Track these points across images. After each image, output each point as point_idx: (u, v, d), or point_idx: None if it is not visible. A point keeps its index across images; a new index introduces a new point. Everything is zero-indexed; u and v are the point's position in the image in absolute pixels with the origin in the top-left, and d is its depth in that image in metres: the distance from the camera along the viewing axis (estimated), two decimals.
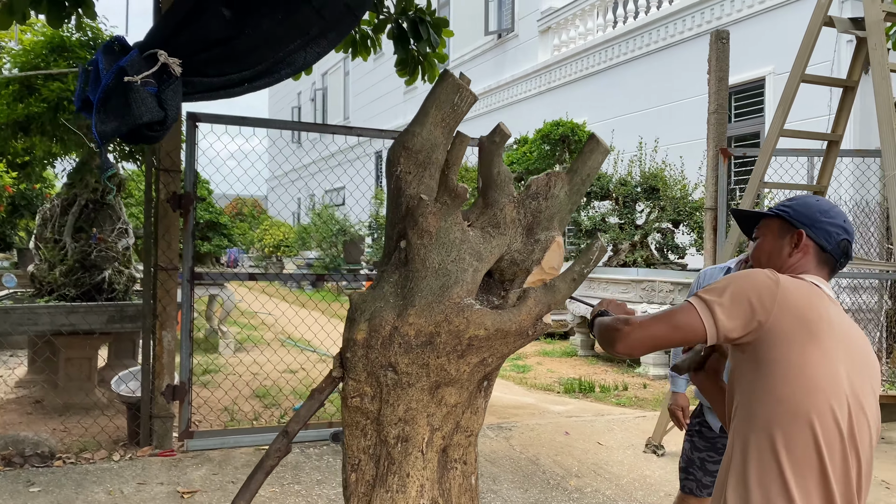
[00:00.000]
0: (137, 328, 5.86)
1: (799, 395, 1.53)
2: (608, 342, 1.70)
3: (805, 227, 1.76)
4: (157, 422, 4.74)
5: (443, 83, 2.09)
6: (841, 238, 1.76)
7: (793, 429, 1.52)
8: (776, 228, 1.83)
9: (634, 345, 1.62)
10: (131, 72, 2.00)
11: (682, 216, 8.93)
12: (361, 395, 1.96)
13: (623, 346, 1.63)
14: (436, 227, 1.93)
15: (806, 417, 1.52)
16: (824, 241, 1.75)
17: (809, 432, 1.52)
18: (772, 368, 1.55)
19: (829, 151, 4.85)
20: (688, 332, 1.59)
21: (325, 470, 4.54)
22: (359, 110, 25.36)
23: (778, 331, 1.55)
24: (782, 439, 1.52)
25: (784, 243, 1.79)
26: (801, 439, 1.52)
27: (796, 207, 1.81)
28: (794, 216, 1.79)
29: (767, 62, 9.72)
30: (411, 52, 4.67)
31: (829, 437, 1.53)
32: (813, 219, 1.77)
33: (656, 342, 1.61)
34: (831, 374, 1.56)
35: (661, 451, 5.17)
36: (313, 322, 7.88)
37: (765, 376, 1.56)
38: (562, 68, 14.21)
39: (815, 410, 1.52)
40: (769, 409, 1.55)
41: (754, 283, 1.60)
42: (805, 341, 1.55)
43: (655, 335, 1.61)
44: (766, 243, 1.84)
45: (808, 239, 1.76)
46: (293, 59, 2.46)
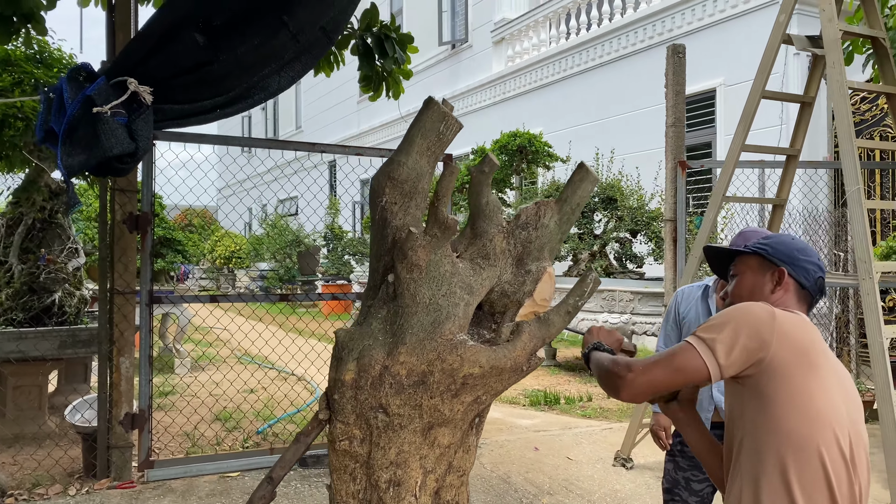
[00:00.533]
0: (91, 353, 5.63)
1: (806, 426, 1.54)
2: (611, 389, 1.67)
3: (785, 266, 1.81)
4: (115, 452, 4.54)
5: (428, 111, 2.03)
6: (818, 276, 1.83)
7: (803, 461, 1.54)
8: (755, 266, 1.86)
9: (637, 392, 1.61)
10: (99, 101, 1.88)
11: (639, 226, 9.04)
12: (350, 438, 1.88)
13: (627, 394, 1.61)
14: (426, 260, 1.87)
15: (815, 449, 1.54)
16: (803, 278, 1.81)
17: (819, 463, 1.54)
18: (777, 401, 1.56)
19: (788, 165, 4.94)
20: (690, 373, 1.58)
21: (294, 497, 4.42)
22: (311, 119, 25.09)
23: (779, 363, 1.56)
24: (794, 471, 1.53)
25: (765, 280, 1.83)
26: (811, 470, 1.54)
27: (774, 245, 1.86)
28: (773, 254, 1.84)
29: (718, 74, 9.93)
30: (376, 68, 4.60)
31: (836, 466, 1.55)
32: (792, 257, 1.82)
33: (659, 387, 1.61)
34: (832, 404, 1.58)
35: (629, 465, 5.18)
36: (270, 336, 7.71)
37: (770, 409, 1.56)
38: (516, 79, 14.30)
39: (823, 441, 1.55)
40: (778, 442, 1.55)
41: (752, 317, 1.60)
42: (805, 372, 1.57)
43: (658, 380, 1.59)
44: (746, 280, 1.87)
45: (789, 277, 1.80)
46: (267, 84, 2.37)
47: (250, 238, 22.94)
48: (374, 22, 4.48)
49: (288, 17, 2.12)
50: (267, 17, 2.10)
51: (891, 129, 8.40)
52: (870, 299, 3.73)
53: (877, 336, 3.65)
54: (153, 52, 2.01)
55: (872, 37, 4.28)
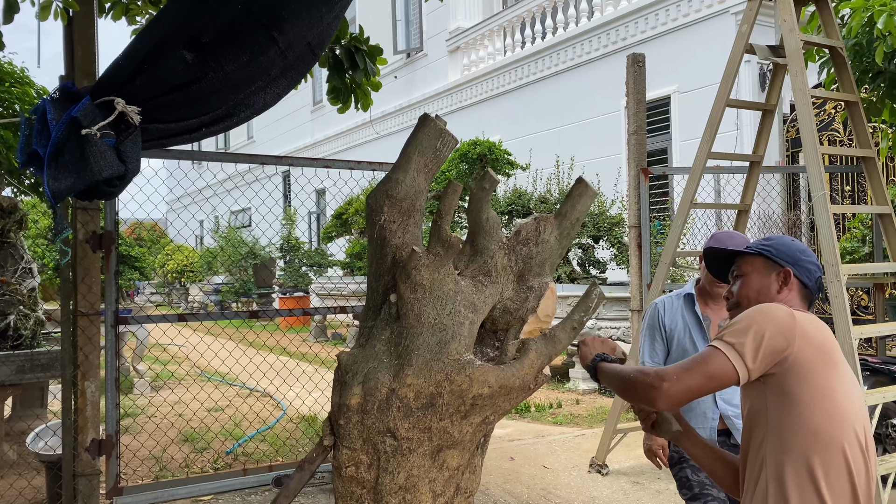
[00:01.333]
0: (50, 377, 5.42)
1: (831, 424, 1.59)
2: (644, 399, 1.66)
3: (790, 266, 1.86)
4: (81, 480, 4.36)
5: (424, 128, 2.01)
6: (817, 276, 1.89)
7: (829, 457, 1.58)
8: (761, 267, 1.90)
9: (674, 401, 1.62)
10: (86, 122, 1.81)
11: (601, 232, 9.15)
12: (357, 463, 1.83)
13: (665, 403, 1.61)
14: (429, 279, 1.84)
15: (839, 445, 1.59)
16: (806, 278, 1.86)
17: (843, 459, 1.59)
18: (802, 400, 1.60)
19: (752, 171, 5.06)
20: (722, 379, 1.61)
21: None
22: (264, 129, 24.75)
23: (802, 362, 1.61)
24: (820, 468, 1.58)
25: (771, 281, 1.87)
26: (835, 466, 1.59)
27: (778, 247, 1.91)
28: (778, 255, 1.88)
29: (672, 81, 10.13)
30: (346, 80, 4.54)
31: (856, 460, 1.61)
32: (795, 258, 1.88)
33: (693, 394, 1.62)
34: (851, 401, 1.64)
35: (605, 471, 5.21)
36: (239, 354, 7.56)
37: (796, 408, 1.60)
38: (474, 87, 14.35)
39: (846, 438, 1.60)
40: (805, 440, 1.59)
41: (774, 318, 1.64)
42: (826, 370, 1.62)
43: (692, 387, 1.61)
44: (753, 281, 1.90)
45: (794, 277, 1.85)
46: (252, 102, 2.32)
47: (203, 251, 22.48)
48: (344, 34, 4.43)
49: (278, 34, 2.07)
50: (256, 33, 2.05)
51: (837, 133, 8.69)
52: (838, 301, 3.83)
53: (846, 337, 3.75)
54: (139, 71, 1.94)
55: (831, 46, 4.41)
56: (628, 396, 1.72)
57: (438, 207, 1.87)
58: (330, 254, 17.48)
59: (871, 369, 4.90)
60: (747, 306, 1.83)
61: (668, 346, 2.93)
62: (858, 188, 8.36)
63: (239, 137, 27.08)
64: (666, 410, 1.66)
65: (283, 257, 18.44)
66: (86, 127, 1.78)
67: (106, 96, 1.88)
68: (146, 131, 2.03)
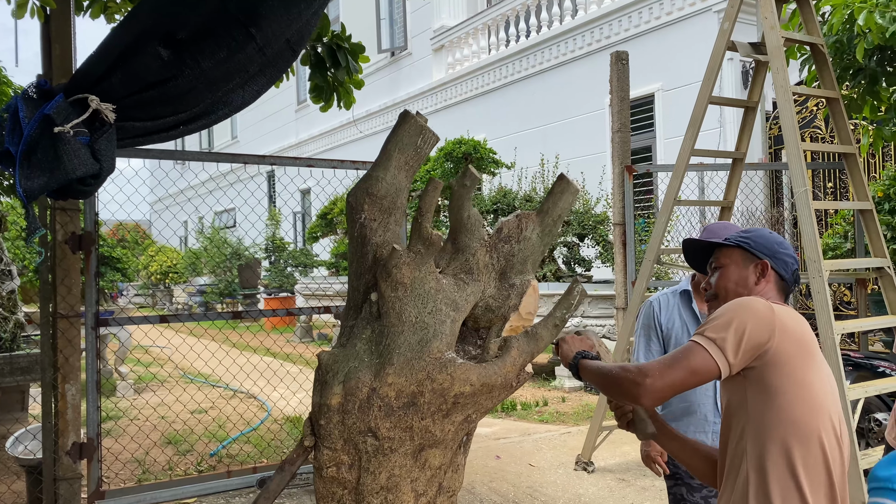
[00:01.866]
0: (30, 380, 5.36)
1: (810, 415, 1.61)
2: (626, 395, 1.65)
3: (767, 258, 1.87)
4: (62, 485, 4.30)
5: (404, 125, 1.99)
6: (794, 268, 1.90)
7: (807, 447, 1.61)
8: (738, 259, 1.91)
9: (658, 396, 1.61)
10: (59, 120, 1.77)
11: (586, 230, 9.17)
12: (338, 464, 1.81)
13: (648, 399, 1.61)
14: (410, 278, 1.83)
15: (817, 435, 1.61)
16: (783, 270, 1.88)
17: (819, 448, 1.61)
18: (780, 392, 1.62)
19: (735, 168, 5.08)
20: (704, 374, 1.61)
21: None
22: (248, 129, 24.60)
23: (781, 355, 1.62)
24: (800, 458, 1.60)
25: (749, 273, 1.88)
26: (813, 456, 1.61)
27: (756, 239, 1.92)
28: (755, 247, 1.90)
29: (656, 79, 10.16)
30: (328, 78, 4.51)
31: (832, 449, 1.63)
32: (773, 250, 1.89)
33: (676, 389, 1.62)
34: (827, 392, 1.66)
35: (591, 468, 5.22)
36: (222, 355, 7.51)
37: (776, 400, 1.62)
38: (458, 86, 14.34)
39: (823, 428, 1.62)
40: (784, 431, 1.61)
41: (754, 312, 1.65)
42: (805, 363, 1.64)
43: (675, 383, 1.61)
44: (730, 273, 1.91)
45: (771, 269, 1.87)
46: (231, 99, 2.29)
47: (187, 252, 22.31)
48: (326, 31, 4.40)
49: (255, 30, 2.05)
50: (233, 30, 2.02)
51: (819, 130, 8.75)
52: (820, 297, 3.85)
53: (828, 332, 3.77)
54: (114, 68, 1.91)
55: (811, 43, 4.43)
56: (611, 393, 1.71)
57: (419, 205, 1.85)
58: (315, 254, 17.41)
59: (853, 364, 4.94)
60: (725, 298, 1.84)
61: (664, 345, 2.86)
62: (841, 185, 8.43)
63: (223, 137, 26.92)
64: (649, 406, 1.66)
65: (268, 258, 18.34)
66: (59, 125, 1.74)
67: (80, 94, 1.85)
68: (122, 129, 2.00)
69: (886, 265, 4.13)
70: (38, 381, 4.87)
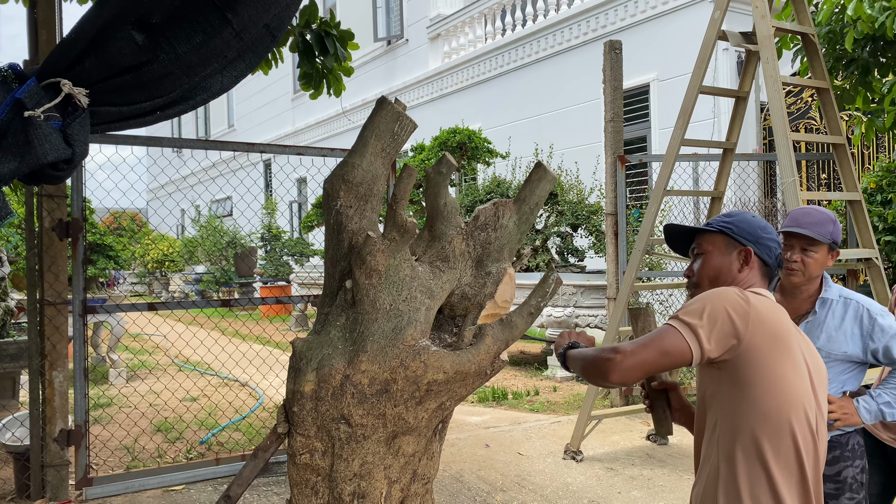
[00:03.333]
0: (20, 367, 5.36)
1: (782, 407, 1.60)
2: (598, 373, 1.66)
3: (751, 245, 1.85)
4: (50, 471, 4.32)
5: (381, 111, 1.98)
6: (778, 252, 1.88)
7: (777, 437, 1.60)
8: (721, 245, 1.88)
9: (628, 373, 1.61)
10: (30, 104, 1.76)
11: (580, 220, 9.15)
12: (311, 451, 1.81)
13: (617, 375, 1.60)
14: (385, 265, 1.82)
15: (789, 427, 1.60)
16: (766, 255, 1.86)
17: (791, 440, 1.61)
18: (753, 384, 1.61)
19: (725, 158, 5.07)
20: (676, 356, 1.60)
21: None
22: (244, 117, 24.52)
23: (754, 347, 1.61)
24: (770, 450, 1.60)
25: (732, 259, 1.86)
26: (785, 448, 1.60)
27: (738, 224, 1.88)
28: (738, 233, 1.86)
29: (652, 69, 10.12)
30: (316, 65, 4.49)
31: (805, 441, 1.63)
32: (756, 235, 1.86)
33: (648, 368, 1.61)
34: (802, 384, 1.65)
35: (579, 457, 5.23)
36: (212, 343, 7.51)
37: (746, 392, 1.61)
38: (454, 75, 14.28)
39: (795, 418, 1.61)
40: (754, 423, 1.61)
41: (729, 303, 1.64)
42: (779, 356, 1.63)
43: (647, 361, 1.60)
44: (713, 259, 1.88)
45: (755, 255, 1.85)
46: (209, 85, 2.26)
47: (183, 240, 22.28)
48: (314, 18, 4.37)
49: (231, 15, 2.02)
50: (209, 14, 2.00)
51: (814, 121, 8.74)
52: None
53: None
54: (87, 52, 1.89)
55: (803, 33, 4.41)
56: (588, 374, 1.72)
57: (394, 192, 1.84)
58: (311, 243, 17.39)
59: None
60: (707, 286, 1.82)
61: None
62: (834, 176, 8.42)
63: (220, 125, 26.84)
64: (619, 384, 1.64)
65: (264, 246, 18.31)
66: (30, 109, 1.73)
67: (52, 77, 1.83)
68: (97, 114, 1.98)
69: (874, 256, 4.13)
70: (27, 369, 4.86)
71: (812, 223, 2.51)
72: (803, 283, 2.54)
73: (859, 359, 2.51)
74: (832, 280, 2.64)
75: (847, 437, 2.53)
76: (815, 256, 2.50)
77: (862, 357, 2.50)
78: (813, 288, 2.58)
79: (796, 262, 2.51)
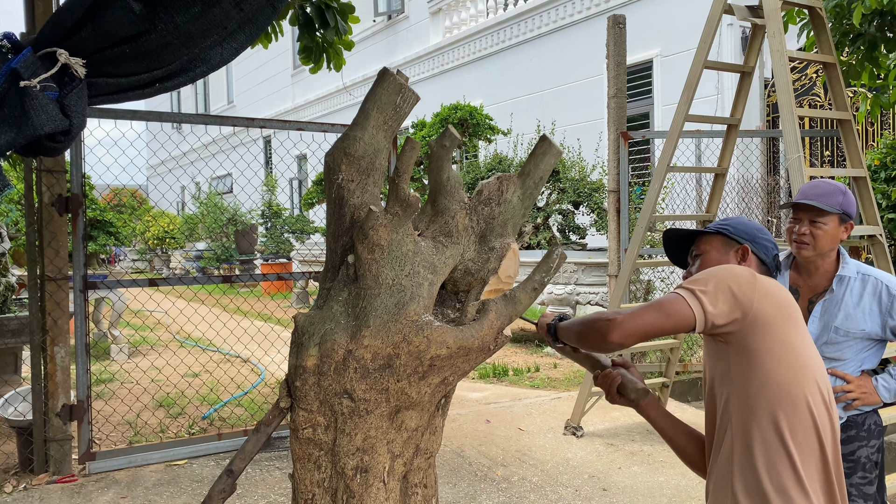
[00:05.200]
0: (21, 343, 5.37)
1: (795, 377, 1.58)
2: (598, 334, 1.65)
3: (748, 243, 1.92)
4: (52, 446, 4.34)
5: (383, 83, 1.94)
6: (774, 252, 1.94)
7: (793, 410, 1.57)
8: (719, 245, 1.95)
9: (628, 332, 1.60)
10: (26, 74, 1.73)
11: (581, 197, 9.12)
12: (314, 425, 1.81)
13: (618, 334, 1.59)
14: (387, 239, 1.80)
15: (804, 399, 1.57)
16: (763, 254, 1.92)
17: (808, 413, 1.57)
18: (765, 354, 1.59)
19: (729, 134, 5.02)
20: (678, 320, 1.59)
21: (245, 482, 4.32)
22: (244, 93, 24.38)
23: (762, 317, 1.60)
24: (786, 423, 1.56)
25: (730, 257, 1.92)
26: (801, 421, 1.57)
27: (735, 225, 1.96)
28: (735, 233, 1.94)
29: (655, 45, 10.03)
30: (316, 39, 4.44)
31: (820, 412, 1.59)
32: (752, 235, 1.93)
33: (649, 330, 1.60)
34: (812, 356, 1.64)
35: (580, 433, 5.26)
36: (213, 319, 7.51)
37: (759, 363, 1.59)
38: (455, 50, 14.16)
39: (809, 391, 1.59)
40: (769, 395, 1.57)
41: (734, 273, 1.65)
42: (787, 325, 1.62)
43: (648, 323, 1.60)
44: (711, 258, 1.94)
45: (752, 254, 1.91)
46: (209, 56, 2.23)
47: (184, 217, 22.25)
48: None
49: None
50: None
51: (818, 98, 8.67)
52: None
53: None
54: (84, 21, 1.85)
55: (810, 7, 4.35)
56: (586, 337, 1.71)
57: (396, 165, 1.82)
58: (311, 220, 17.37)
59: None
60: None
61: None
62: (838, 154, 8.37)
63: (219, 101, 26.70)
64: (618, 344, 1.62)
65: (265, 224, 18.29)
66: (26, 79, 1.70)
67: (49, 47, 1.80)
68: (94, 86, 1.95)
69: (878, 232, 4.11)
70: (28, 344, 4.87)
71: (819, 194, 2.47)
72: (814, 256, 2.50)
73: (878, 336, 2.48)
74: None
75: (864, 417, 2.51)
76: (825, 228, 2.46)
77: (881, 334, 2.47)
78: (829, 264, 2.53)
79: (805, 235, 2.47)
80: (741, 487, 1.58)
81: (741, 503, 1.57)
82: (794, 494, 1.53)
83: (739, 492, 1.57)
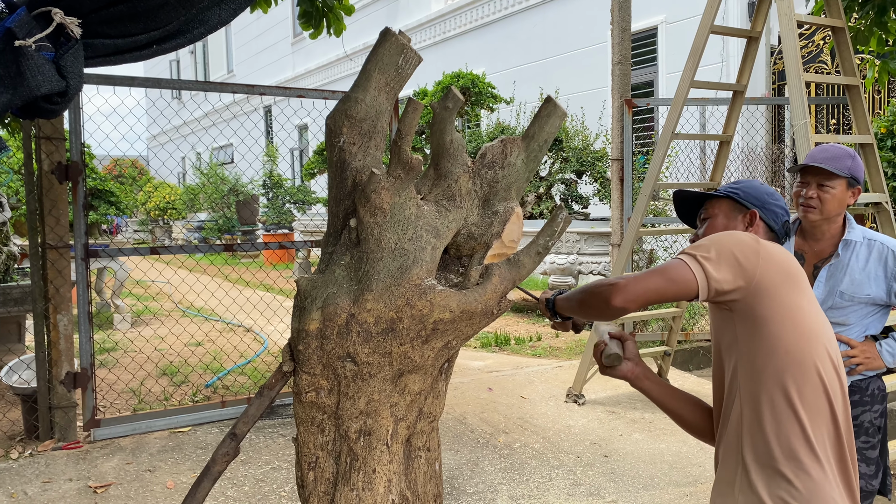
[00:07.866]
0: (24, 311, 5.38)
1: (803, 342, 1.55)
2: (601, 299, 1.63)
3: (756, 208, 1.89)
4: (57, 413, 4.37)
5: (385, 43, 1.91)
6: (784, 219, 1.90)
7: (802, 376, 1.54)
8: (727, 209, 1.93)
9: (631, 297, 1.57)
10: (21, 34, 1.69)
11: (584, 167, 9.07)
12: (317, 389, 1.80)
13: (621, 298, 1.57)
14: (389, 203, 1.78)
15: (812, 364, 1.55)
16: (772, 221, 1.89)
17: (818, 379, 1.55)
18: (771, 319, 1.56)
19: (735, 101, 4.97)
20: (682, 285, 1.57)
21: (249, 449, 4.35)
22: (243, 63, 24.14)
23: (767, 283, 1.57)
24: (795, 389, 1.54)
25: (737, 223, 1.90)
26: (811, 387, 1.54)
27: (745, 189, 1.92)
28: (744, 197, 1.90)
29: (660, 11, 9.89)
30: (316, 3, 4.37)
31: (830, 378, 1.56)
32: (762, 200, 1.89)
33: (652, 295, 1.58)
34: (819, 320, 1.61)
35: (581, 400, 5.28)
36: (216, 288, 7.53)
37: (766, 328, 1.56)
38: (456, 18, 13.98)
39: (818, 356, 1.56)
40: (778, 362, 1.55)
41: (737, 239, 1.62)
42: (793, 290, 1.59)
43: (651, 287, 1.57)
44: (718, 222, 1.92)
45: (760, 219, 1.88)
46: (206, 18, 2.19)
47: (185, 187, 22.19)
48: None
49: None
50: None
51: (825, 65, 8.56)
52: None
53: None
54: None
55: None
56: (587, 304, 1.70)
57: (398, 128, 1.79)
58: (312, 191, 17.31)
59: None
60: None
61: None
62: (844, 121, 8.29)
63: (219, 70, 26.45)
64: (621, 309, 1.60)
65: (266, 194, 18.24)
66: (20, 39, 1.67)
67: (43, 7, 1.77)
68: (91, 47, 1.92)
69: (884, 200, 4.08)
70: (31, 313, 4.88)
71: (828, 158, 2.44)
72: (821, 220, 2.48)
73: (883, 301, 2.47)
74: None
75: (868, 382, 2.51)
76: (833, 192, 2.43)
77: (886, 299, 2.46)
78: (835, 229, 2.52)
79: (812, 199, 2.45)
80: (750, 454, 1.56)
81: (751, 470, 1.56)
82: (805, 459, 1.51)
83: (749, 458, 1.56)
